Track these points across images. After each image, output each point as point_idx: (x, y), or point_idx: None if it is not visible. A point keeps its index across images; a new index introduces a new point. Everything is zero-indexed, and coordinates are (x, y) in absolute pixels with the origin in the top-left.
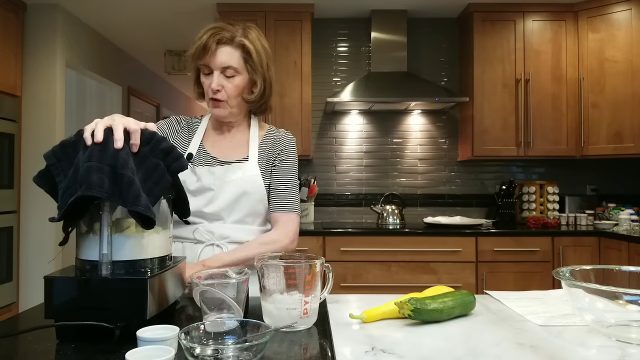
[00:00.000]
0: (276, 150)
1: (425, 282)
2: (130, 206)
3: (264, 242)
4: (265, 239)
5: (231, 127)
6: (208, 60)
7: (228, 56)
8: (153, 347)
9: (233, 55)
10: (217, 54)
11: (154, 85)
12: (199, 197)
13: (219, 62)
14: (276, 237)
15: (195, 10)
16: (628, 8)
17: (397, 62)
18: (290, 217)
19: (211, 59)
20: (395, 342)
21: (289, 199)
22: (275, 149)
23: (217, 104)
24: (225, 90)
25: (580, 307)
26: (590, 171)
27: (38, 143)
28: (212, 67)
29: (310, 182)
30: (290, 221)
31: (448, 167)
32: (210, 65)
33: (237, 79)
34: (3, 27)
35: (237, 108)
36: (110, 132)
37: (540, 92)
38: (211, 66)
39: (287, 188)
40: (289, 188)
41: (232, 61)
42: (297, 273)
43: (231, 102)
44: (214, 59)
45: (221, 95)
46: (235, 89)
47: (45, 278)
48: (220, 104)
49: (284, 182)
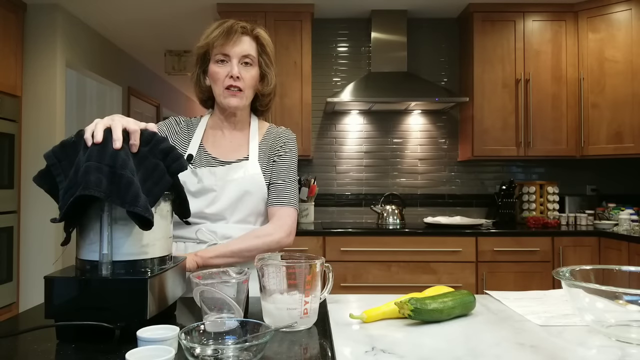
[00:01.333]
0: (276, 147)
1: (425, 282)
2: (128, 207)
3: (258, 235)
4: (260, 232)
5: (232, 126)
6: (229, 47)
7: (248, 45)
8: (153, 347)
9: (252, 46)
10: (239, 42)
11: (154, 85)
12: (201, 199)
13: (239, 50)
14: (271, 230)
15: (195, 11)
16: (628, 8)
17: (397, 62)
18: (287, 210)
19: (233, 46)
20: (395, 342)
21: (286, 193)
22: (276, 145)
23: (235, 93)
24: (244, 79)
25: (580, 307)
26: (590, 171)
27: (38, 143)
28: (232, 54)
29: (310, 182)
30: (286, 215)
31: (448, 167)
32: (229, 53)
33: (253, 70)
34: (3, 27)
35: (248, 100)
36: (109, 132)
37: (540, 92)
38: (230, 54)
39: (285, 182)
40: (286, 182)
41: (252, 51)
42: (297, 273)
43: (247, 92)
44: (237, 46)
45: (240, 83)
46: (252, 78)
47: (45, 278)
48: (238, 93)
49: (281, 176)
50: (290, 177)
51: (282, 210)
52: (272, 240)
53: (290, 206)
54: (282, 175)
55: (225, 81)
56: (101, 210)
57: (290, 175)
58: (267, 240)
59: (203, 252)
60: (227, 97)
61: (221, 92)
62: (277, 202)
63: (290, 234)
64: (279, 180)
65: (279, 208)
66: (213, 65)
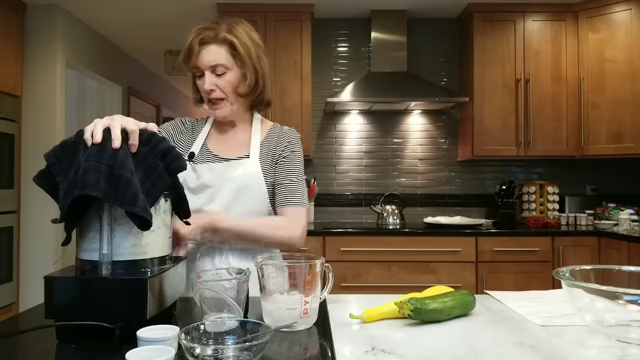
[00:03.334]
0: (280, 146)
1: (425, 282)
2: (126, 207)
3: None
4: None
5: (234, 125)
6: (195, 61)
7: (214, 54)
8: (153, 347)
9: (219, 53)
10: (202, 54)
11: (154, 85)
12: (199, 195)
13: (205, 62)
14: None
15: (196, 11)
16: (628, 8)
17: (397, 62)
18: (299, 211)
19: (198, 60)
20: (395, 342)
21: (296, 193)
22: (280, 145)
23: (216, 105)
24: (220, 88)
25: (580, 307)
26: (590, 171)
27: (38, 143)
28: (201, 67)
29: (310, 182)
30: (298, 215)
31: (448, 167)
32: (199, 66)
33: (229, 75)
34: (3, 27)
35: (236, 105)
36: (109, 132)
37: (540, 92)
38: (200, 67)
39: (293, 182)
40: (295, 182)
41: (219, 58)
42: (297, 273)
43: (231, 99)
44: (201, 60)
45: (216, 94)
46: (228, 85)
47: (45, 278)
48: (220, 103)
49: (289, 175)
50: (298, 177)
51: (295, 210)
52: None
53: (302, 206)
54: (291, 175)
55: (205, 94)
56: (101, 210)
57: (299, 174)
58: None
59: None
60: (212, 109)
61: (206, 105)
62: (288, 202)
63: (303, 234)
64: (287, 180)
65: (291, 208)
66: (196, 80)
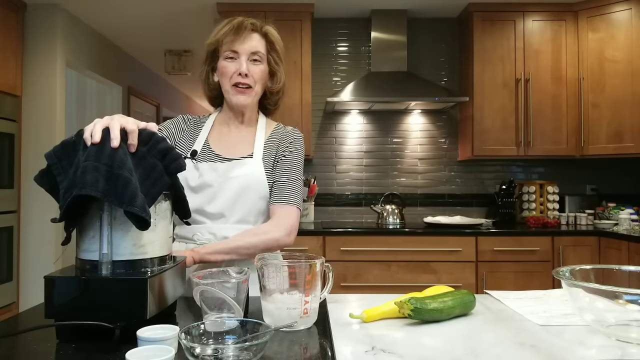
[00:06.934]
0: (282, 146)
1: (425, 281)
2: (125, 206)
3: (256, 233)
4: (258, 229)
5: (239, 123)
6: (238, 43)
7: (256, 42)
8: (153, 347)
9: (261, 42)
10: (250, 38)
11: (154, 85)
12: (201, 194)
13: (247, 47)
14: (269, 228)
15: (195, 10)
16: (628, 8)
17: (397, 62)
18: (288, 209)
19: (242, 43)
20: (395, 342)
21: (288, 192)
22: (282, 145)
23: (243, 91)
24: (253, 76)
25: (580, 307)
26: (590, 171)
27: (38, 143)
28: (241, 51)
29: (310, 182)
30: (286, 214)
31: (448, 166)
32: (238, 49)
33: (262, 66)
34: (3, 27)
35: (257, 97)
36: (108, 132)
37: (540, 92)
38: (239, 50)
39: (288, 181)
40: (290, 181)
41: (260, 47)
42: (297, 273)
43: (257, 88)
44: (245, 43)
45: (249, 80)
46: (261, 73)
47: (45, 278)
48: (247, 91)
49: (285, 175)
50: (293, 176)
51: (283, 208)
52: (270, 238)
53: (292, 205)
54: (286, 174)
55: (233, 78)
56: (101, 210)
57: (294, 174)
58: (265, 238)
59: (200, 248)
60: (236, 94)
61: (229, 89)
62: (278, 200)
63: (290, 233)
64: (282, 179)
65: (280, 206)
66: (222, 61)
